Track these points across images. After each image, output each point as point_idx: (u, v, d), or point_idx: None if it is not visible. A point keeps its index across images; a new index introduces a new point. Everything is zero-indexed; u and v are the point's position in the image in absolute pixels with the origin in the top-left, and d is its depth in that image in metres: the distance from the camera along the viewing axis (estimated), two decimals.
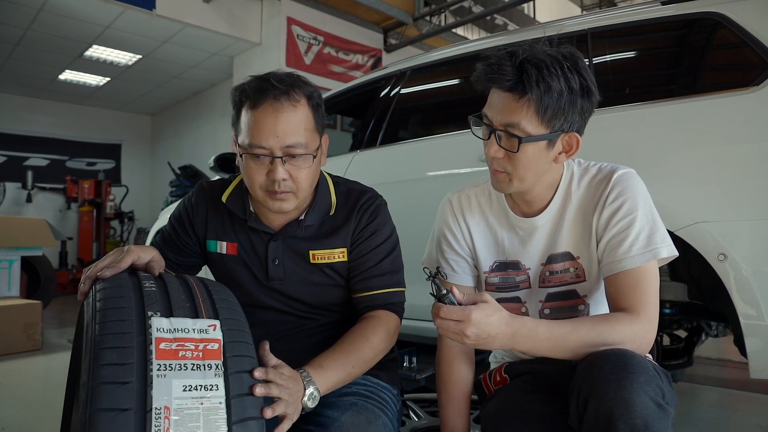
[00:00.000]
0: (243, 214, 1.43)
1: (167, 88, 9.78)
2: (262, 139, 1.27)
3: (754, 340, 1.74)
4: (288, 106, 1.28)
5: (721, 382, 3.39)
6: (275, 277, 1.43)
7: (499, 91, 1.21)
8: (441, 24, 8.68)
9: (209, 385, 0.94)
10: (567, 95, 1.17)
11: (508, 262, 1.41)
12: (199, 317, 1.02)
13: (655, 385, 1.02)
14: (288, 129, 1.27)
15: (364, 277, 1.42)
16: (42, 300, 4.96)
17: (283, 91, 1.28)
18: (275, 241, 1.43)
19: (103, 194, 9.65)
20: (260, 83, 1.29)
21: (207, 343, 0.98)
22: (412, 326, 2.58)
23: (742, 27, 1.91)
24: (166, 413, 0.88)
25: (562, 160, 1.28)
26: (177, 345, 0.95)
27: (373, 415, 1.27)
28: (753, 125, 1.80)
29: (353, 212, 1.43)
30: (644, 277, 1.20)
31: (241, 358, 1.01)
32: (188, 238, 1.51)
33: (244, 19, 7.53)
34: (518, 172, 1.25)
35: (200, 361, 0.95)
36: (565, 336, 1.13)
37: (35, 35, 7.30)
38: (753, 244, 1.73)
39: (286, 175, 1.29)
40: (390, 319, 1.39)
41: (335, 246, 1.42)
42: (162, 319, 0.97)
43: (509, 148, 1.22)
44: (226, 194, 1.46)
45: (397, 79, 3.07)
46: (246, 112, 1.30)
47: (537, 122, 1.18)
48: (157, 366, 0.91)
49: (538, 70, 1.15)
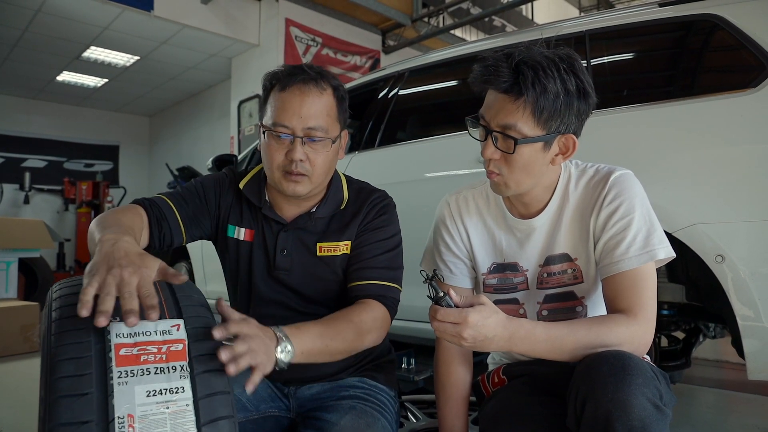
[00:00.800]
0: (258, 202, 1.46)
1: (165, 89, 9.78)
2: (286, 119, 1.32)
3: (752, 341, 1.74)
4: (315, 91, 1.34)
5: (719, 383, 3.39)
6: (282, 267, 1.43)
7: (496, 92, 1.21)
8: (439, 25, 8.70)
9: (174, 388, 0.90)
10: (563, 97, 1.17)
11: (505, 264, 1.41)
12: (161, 318, 0.96)
13: (653, 386, 1.02)
14: (311, 111, 1.33)
15: (360, 267, 1.41)
16: (39, 302, 4.93)
17: (312, 77, 1.34)
18: (285, 232, 1.45)
19: (101, 195, 9.65)
20: (292, 69, 1.36)
21: (170, 344, 0.94)
22: (410, 327, 2.58)
23: (740, 29, 1.92)
24: (129, 422, 0.84)
25: (559, 161, 1.27)
26: (138, 350, 0.91)
27: (372, 418, 1.26)
28: (751, 127, 1.81)
29: (362, 207, 1.46)
30: (642, 278, 1.19)
31: (207, 357, 0.95)
32: (206, 209, 1.48)
33: (242, 20, 7.54)
34: (514, 174, 1.25)
35: (164, 363, 0.91)
36: (562, 338, 1.13)
37: (33, 36, 7.30)
38: (751, 246, 1.74)
39: (304, 156, 1.33)
40: (379, 308, 1.35)
41: (341, 239, 1.44)
42: (121, 324, 0.91)
43: (505, 149, 1.22)
44: (243, 182, 1.49)
45: (396, 81, 3.07)
46: (274, 94, 1.36)
47: (533, 124, 1.18)
48: (118, 373, 0.87)
49: (534, 72, 1.15)
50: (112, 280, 0.92)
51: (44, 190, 10.16)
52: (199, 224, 1.46)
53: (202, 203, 1.47)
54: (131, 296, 0.90)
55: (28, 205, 9.85)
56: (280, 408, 1.40)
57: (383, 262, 1.42)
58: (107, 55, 8.10)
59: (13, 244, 4.88)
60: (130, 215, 1.30)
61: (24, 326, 4.23)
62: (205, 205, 1.47)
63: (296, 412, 1.41)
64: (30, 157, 10.25)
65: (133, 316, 0.87)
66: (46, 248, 5.24)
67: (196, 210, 1.45)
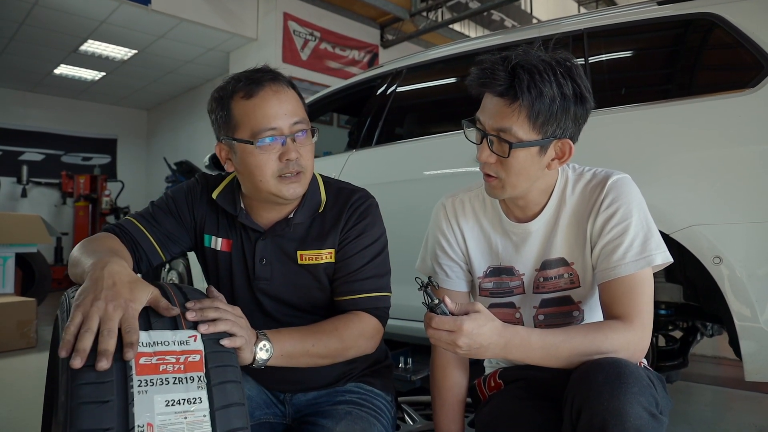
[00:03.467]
0: (234, 211, 1.41)
1: (163, 83, 9.74)
2: (271, 122, 1.27)
3: (749, 342, 1.74)
4: (285, 87, 1.32)
5: (716, 380, 3.39)
6: (262, 276, 1.40)
7: (492, 95, 1.21)
8: (438, 20, 8.65)
9: (192, 399, 0.91)
10: (560, 101, 1.16)
11: (501, 268, 1.41)
12: (178, 328, 0.99)
13: (649, 394, 1.02)
14: (290, 107, 1.30)
15: (348, 281, 1.38)
16: (37, 297, 4.94)
17: (274, 77, 1.32)
18: (264, 240, 1.40)
19: (99, 189, 9.61)
20: (249, 75, 1.31)
21: (188, 355, 0.96)
22: (407, 327, 2.58)
23: (738, 28, 1.91)
24: (149, 430, 0.86)
25: (555, 166, 1.27)
26: (157, 359, 0.93)
27: (368, 423, 1.26)
28: (749, 127, 1.80)
29: (343, 212, 1.40)
30: (638, 284, 1.19)
31: (223, 368, 0.98)
32: (180, 223, 1.46)
33: (240, 14, 7.50)
34: (510, 178, 1.24)
35: (182, 374, 0.93)
36: (557, 345, 1.12)
37: (30, 30, 7.26)
38: (748, 247, 1.73)
39: (298, 153, 1.30)
40: (368, 320, 1.35)
41: (323, 247, 1.39)
42: (141, 333, 0.94)
43: (501, 153, 1.21)
44: (216, 192, 1.44)
45: (393, 78, 3.06)
46: (240, 104, 1.29)
47: (528, 128, 1.18)
48: (138, 382, 0.89)
49: (530, 76, 1.15)
50: (95, 314, 0.91)
51: (42, 184, 10.12)
52: (176, 240, 1.44)
53: (175, 218, 1.44)
54: (109, 334, 0.89)
55: (26, 199, 9.82)
56: (276, 414, 1.40)
57: (370, 271, 1.39)
58: (105, 49, 8.05)
59: (10, 239, 4.88)
60: (110, 241, 1.29)
61: (21, 322, 4.23)
62: (179, 219, 1.44)
63: (292, 418, 1.40)
64: (27, 151, 10.20)
65: (104, 359, 0.87)
66: (43, 243, 5.24)
67: (170, 227, 1.42)
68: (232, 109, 1.30)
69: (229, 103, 1.30)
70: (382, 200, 1.51)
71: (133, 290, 0.98)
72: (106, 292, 0.95)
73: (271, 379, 1.38)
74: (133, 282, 1.00)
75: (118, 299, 0.94)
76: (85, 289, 0.97)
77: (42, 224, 5.27)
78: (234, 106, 1.30)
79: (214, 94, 1.34)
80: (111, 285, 0.97)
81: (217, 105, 1.33)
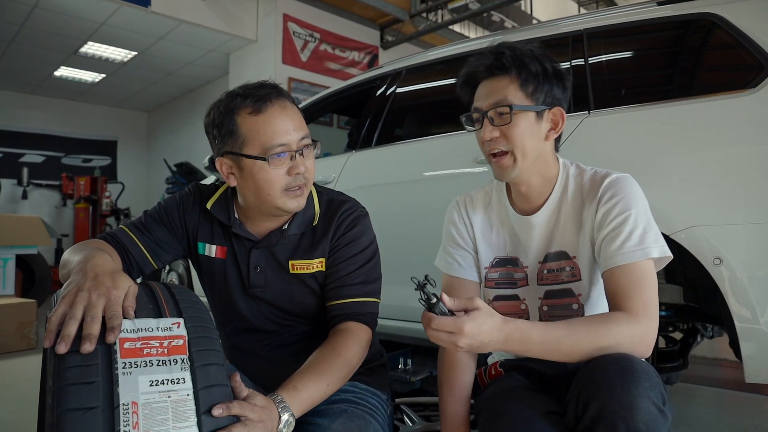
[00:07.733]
0: (228, 221, 1.44)
1: (163, 84, 9.76)
2: (281, 137, 1.30)
3: (750, 344, 1.73)
4: (289, 103, 1.36)
5: (717, 381, 3.39)
6: (257, 284, 1.44)
7: (483, 81, 1.35)
8: (437, 21, 8.66)
9: (176, 379, 0.95)
10: (542, 73, 1.31)
11: (507, 258, 1.46)
12: (162, 317, 1.03)
13: (658, 391, 1.04)
14: (296, 123, 1.34)
15: (338, 285, 1.41)
16: (37, 298, 4.94)
17: (279, 92, 1.35)
18: (257, 249, 1.44)
19: (99, 191, 9.62)
20: (255, 90, 1.34)
21: (172, 339, 1.00)
22: (407, 328, 2.57)
23: (738, 28, 1.90)
24: (134, 408, 0.89)
25: (552, 137, 1.37)
26: (141, 343, 0.96)
27: (364, 421, 1.27)
28: (750, 128, 1.79)
29: (332, 222, 1.44)
30: (641, 275, 1.20)
31: (206, 351, 1.01)
32: (171, 232, 1.49)
33: (240, 16, 7.51)
34: (517, 147, 1.32)
35: (165, 356, 0.97)
36: (559, 340, 1.13)
37: (30, 32, 7.28)
38: (749, 249, 1.73)
39: (305, 167, 1.34)
40: (361, 331, 1.37)
41: (314, 257, 1.43)
42: (125, 321, 0.98)
43: (502, 123, 1.31)
44: (210, 202, 1.47)
45: (393, 79, 3.06)
46: (247, 120, 1.31)
47: (522, 96, 1.31)
48: (123, 364, 0.93)
49: (513, 51, 1.31)
50: (80, 303, 0.96)
51: (42, 186, 10.14)
52: (166, 249, 1.47)
53: (167, 228, 1.47)
54: (93, 320, 0.94)
55: (26, 201, 9.84)
56: None
57: (360, 277, 1.42)
58: (105, 51, 8.07)
59: (10, 241, 4.88)
60: (99, 244, 1.32)
61: (21, 323, 4.23)
62: (171, 229, 1.47)
63: None
64: (28, 153, 10.22)
65: (88, 342, 0.91)
66: (43, 245, 5.24)
67: (161, 236, 1.46)
68: (238, 126, 1.32)
69: (233, 119, 1.32)
70: (382, 201, 1.52)
71: (115, 279, 1.03)
72: (89, 283, 1.00)
73: (267, 378, 1.39)
74: (115, 272, 1.06)
75: (101, 288, 1.00)
76: (69, 283, 1.02)
77: (42, 226, 5.27)
78: (241, 123, 1.32)
79: (216, 110, 1.36)
80: (93, 276, 1.02)
81: (219, 121, 1.35)
